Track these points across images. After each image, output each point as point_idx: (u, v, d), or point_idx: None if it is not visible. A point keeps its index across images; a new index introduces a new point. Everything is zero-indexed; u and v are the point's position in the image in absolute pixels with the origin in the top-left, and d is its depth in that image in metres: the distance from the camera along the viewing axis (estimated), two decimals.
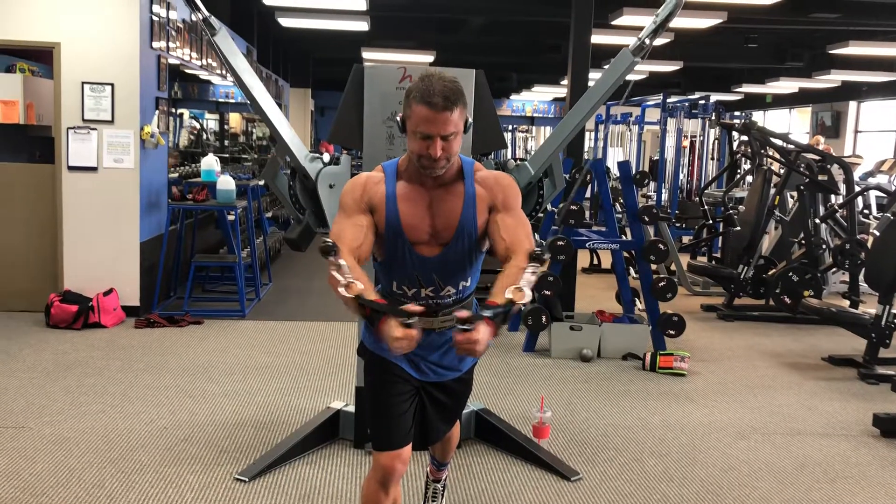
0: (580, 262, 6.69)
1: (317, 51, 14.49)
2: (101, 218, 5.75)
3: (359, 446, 3.61)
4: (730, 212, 7.23)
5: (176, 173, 6.81)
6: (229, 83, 9.93)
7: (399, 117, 2.17)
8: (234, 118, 13.04)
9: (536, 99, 19.89)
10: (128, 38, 5.62)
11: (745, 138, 7.70)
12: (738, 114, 12.77)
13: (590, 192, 6.41)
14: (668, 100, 10.13)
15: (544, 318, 5.31)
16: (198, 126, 10.91)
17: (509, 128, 19.80)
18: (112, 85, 5.64)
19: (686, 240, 9.10)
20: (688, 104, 10.08)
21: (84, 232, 5.76)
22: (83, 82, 5.63)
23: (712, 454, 3.76)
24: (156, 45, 5.93)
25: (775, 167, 7.22)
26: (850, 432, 4.14)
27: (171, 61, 6.44)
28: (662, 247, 5.40)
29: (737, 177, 8.64)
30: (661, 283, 5.34)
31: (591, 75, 6.41)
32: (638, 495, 3.30)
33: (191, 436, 3.73)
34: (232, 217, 6.60)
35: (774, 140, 7.06)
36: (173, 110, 8.12)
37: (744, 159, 8.30)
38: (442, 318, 2.30)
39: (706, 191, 8.46)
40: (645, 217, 5.51)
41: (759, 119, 16.55)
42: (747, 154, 7.55)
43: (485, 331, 1.89)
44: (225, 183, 6.21)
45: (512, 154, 18.90)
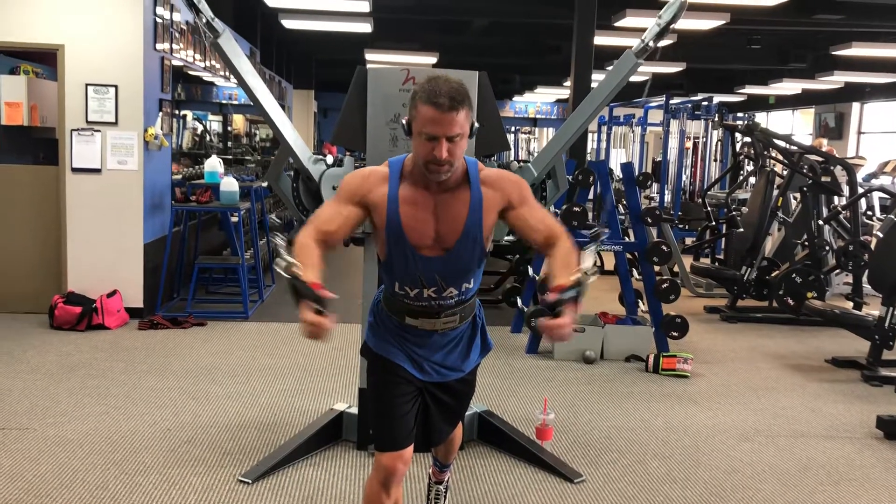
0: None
1: (320, 52, 14.51)
2: (105, 219, 5.76)
3: (362, 448, 3.61)
4: (733, 213, 7.22)
5: (180, 175, 6.82)
6: (232, 85, 9.96)
7: (404, 120, 2.16)
8: (237, 120, 13.07)
9: (539, 100, 19.88)
10: (131, 40, 5.63)
11: (748, 140, 7.70)
12: (741, 115, 12.73)
13: (593, 193, 6.41)
14: (671, 101, 10.12)
15: None
16: (200, 128, 10.93)
17: (512, 129, 19.81)
18: (116, 87, 5.65)
19: (689, 241, 9.09)
20: (691, 105, 10.09)
21: (88, 233, 5.77)
22: (87, 84, 5.64)
23: (716, 456, 3.76)
24: (159, 46, 5.94)
25: (778, 168, 7.21)
26: (853, 434, 4.13)
27: (175, 63, 6.45)
28: (665, 248, 5.40)
29: (740, 178, 8.63)
30: (665, 285, 5.33)
31: (594, 77, 6.42)
32: (641, 497, 3.30)
33: (194, 437, 3.73)
34: (235, 219, 6.60)
35: (777, 141, 7.06)
36: (177, 112, 8.14)
37: (747, 161, 8.30)
38: (444, 320, 2.30)
39: (709, 192, 8.47)
40: (648, 219, 5.50)
41: (762, 120, 16.53)
42: (750, 155, 7.55)
43: (571, 313, 1.97)
44: (228, 185, 6.21)
45: (515, 156, 18.90)
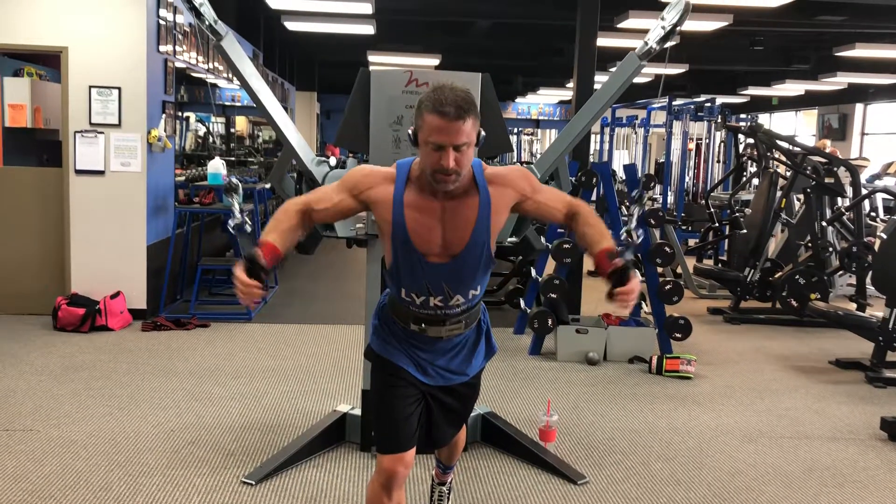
0: (586, 265, 6.68)
1: (322, 54, 14.52)
2: (108, 221, 5.77)
3: (365, 449, 3.61)
4: (736, 215, 7.22)
5: (183, 177, 6.83)
6: (235, 86, 9.97)
7: (410, 130, 2.14)
8: (240, 121, 13.09)
9: (542, 102, 19.88)
10: (135, 42, 5.64)
11: (751, 141, 7.70)
12: (743, 116, 12.73)
13: (595, 194, 6.40)
14: (674, 102, 10.11)
15: (550, 322, 5.30)
16: (203, 129, 10.95)
17: (515, 131, 19.81)
18: (119, 89, 5.66)
19: (692, 243, 9.09)
20: (693, 107, 10.07)
21: (91, 235, 5.78)
22: (90, 86, 5.65)
23: (719, 458, 3.75)
24: (162, 48, 5.95)
25: (781, 170, 7.20)
26: (857, 436, 4.12)
27: (178, 65, 6.46)
28: (668, 250, 5.40)
29: (743, 180, 8.63)
30: (668, 286, 5.33)
31: (597, 78, 6.42)
32: (645, 499, 3.29)
33: (198, 439, 3.74)
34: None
35: (780, 143, 7.05)
36: (180, 114, 8.16)
37: (750, 162, 8.30)
38: (449, 327, 2.30)
39: (712, 194, 8.47)
40: (651, 220, 5.50)
41: (765, 122, 16.52)
42: (753, 157, 7.55)
43: (635, 278, 2.07)
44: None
45: (517, 157, 18.90)
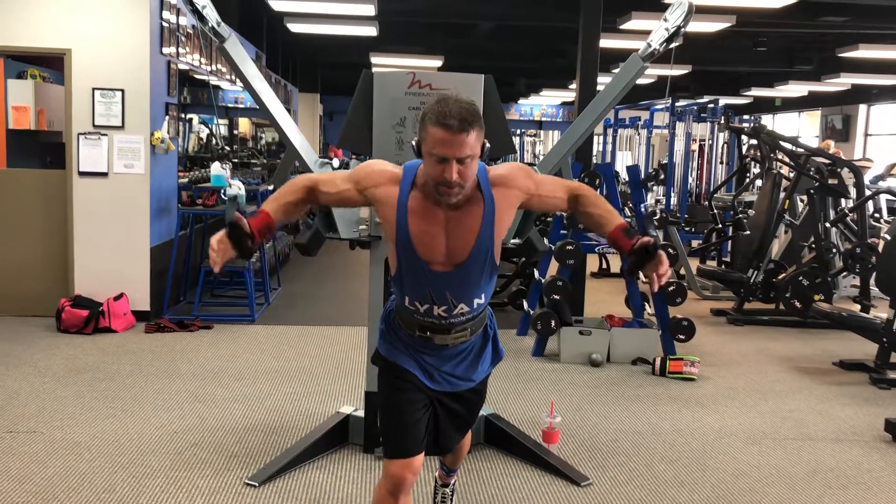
0: (589, 267, 6.68)
1: (325, 56, 14.53)
2: (112, 223, 5.78)
3: (368, 451, 3.61)
4: (739, 216, 7.20)
5: (186, 178, 6.84)
6: (238, 88, 9.98)
7: (414, 141, 2.13)
8: (243, 123, 13.10)
9: (545, 103, 19.87)
10: (138, 44, 5.65)
11: (754, 142, 7.68)
12: (747, 117, 12.71)
13: None
14: (677, 103, 10.10)
15: (553, 323, 5.30)
16: (206, 131, 10.96)
17: (517, 132, 19.81)
18: (122, 91, 5.67)
19: (695, 244, 9.07)
20: (697, 108, 10.06)
21: (95, 237, 5.79)
22: (94, 88, 5.66)
23: (723, 459, 3.74)
24: (166, 50, 5.96)
25: (785, 171, 7.19)
26: (862, 437, 4.11)
27: (181, 67, 6.47)
28: (672, 251, 5.39)
29: (746, 181, 8.62)
30: (671, 288, 5.32)
31: (600, 80, 6.42)
32: (648, 501, 3.29)
33: (201, 440, 3.74)
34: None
35: (784, 143, 7.04)
36: (183, 115, 8.17)
37: (753, 163, 8.29)
38: (455, 335, 2.29)
39: (715, 195, 8.45)
40: (654, 221, 5.49)
41: (768, 123, 16.50)
42: (757, 158, 7.54)
43: (662, 254, 2.14)
44: (234, 188, 6.22)
45: (521, 159, 18.90)
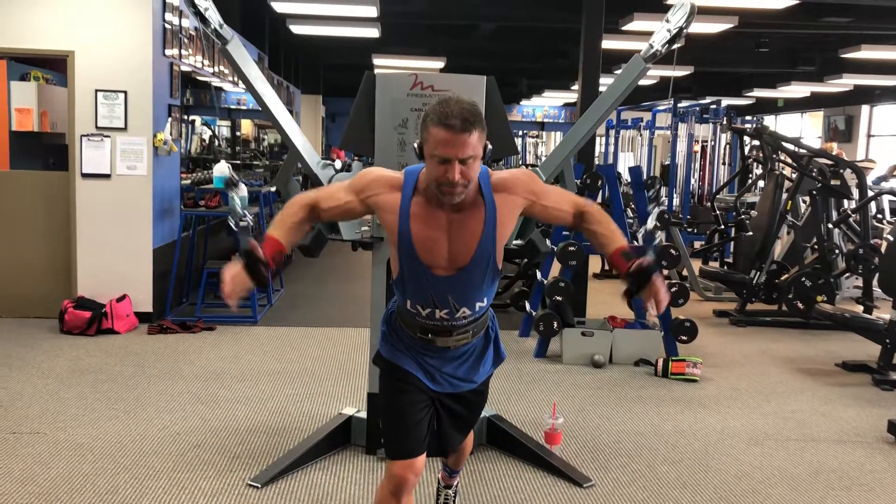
0: (591, 268, 6.68)
1: (328, 57, 14.56)
2: (115, 224, 5.79)
3: (371, 452, 3.61)
4: (742, 217, 7.20)
5: (188, 180, 6.85)
6: (241, 90, 9.99)
7: (416, 144, 2.12)
8: (245, 125, 13.10)
9: (547, 104, 19.89)
10: (141, 46, 5.66)
11: (756, 143, 7.68)
12: (749, 118, 12.70)
13: (601, 197, 6.40)
14: (679, 105, 10.10)
15: (556, 324, 5.30)
16: (209, 133, 10.97)
17: (520, 133, 19.82)
18: (125, 92, 5.68)
19: (698, 245, 9.07)
20: (699, 109, 10.05)
21: (97, 238, 5.80)
22: (96, 90, 5.67)
23: (725, 461, 3.74)
24: (168, 52, 5.97)
25: (787, 172, 7.18)
26: (864, 439, 4.11)
27: (184, 68, 6.48)
28: (674, 252, 5.39)
29: (748, 182, 8.61)
30: (673, 289, 5.31)
31: (602, 80, 6.42)
32: (650, 502, 3.28)
33: (203, 442, 3.74)
34: (244, 223, 6.61)
35: (786, 144, 7.03)
36: (185, 117, 8.17)
37: (755, 164, 8.27)
38: (456, 337, 2.30)
39: (718, 196, 8.44)
40: (656, 222, 5.49)
41: (770, 123, 16.49)
42: (759, 159, 7.52)
43: (659, 280, 2.09)
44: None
45: (523, 160, 18.91)
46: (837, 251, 6.63)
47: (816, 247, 6.51)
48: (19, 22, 5.61)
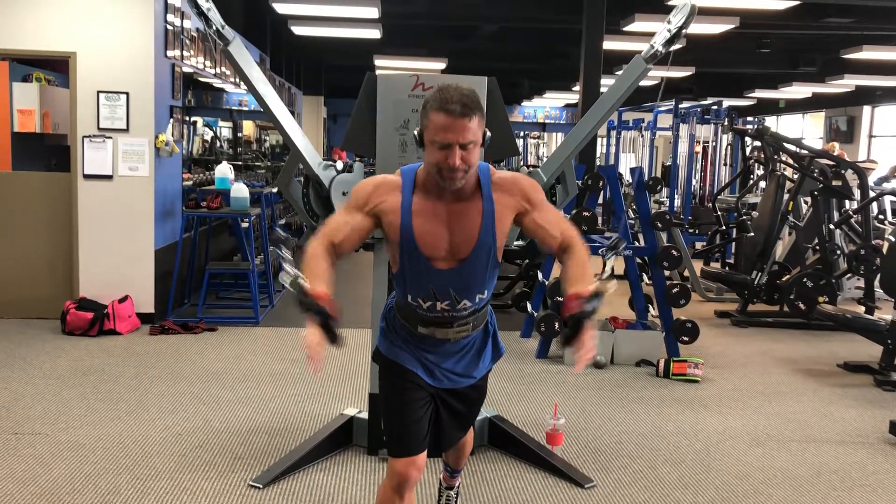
0: (593, 269, 6.67)
1: (329, 58, 14.58)
2: (117, 225, 5.79)
3: (372, 453, 3.62)
4: (743, 217, 7.20)
5: (191, 181, 6.86)
6: (242, 91, 10.00)
7: (416, 131, 2.13)
8: (247, 126, 13.11)
9: (548, 105, 19.91)
10: (142, 48, 5.67)
11: (758, 144, 7.68)
12: (750, 119, 12.70)
13: (602, 198, 6.41)
14: (681, 105, 10.10)
15: (557, 325, 5.30)
16: (210, 134, 10.98)
17: (521, 134, 19.82)
18: (127, 94, 5.69)
19: (699, 246, 9.06)
20: (700, 110, 10.05)
21: (99, 239, 5.80)
22: (98, 91, 5.68)
23: (727, 461, 3.74)
24: (170, 53, 5.98)
25: (789, 172, 7.18)
26: (866, 440, 4.11)
27: (185, 70, 6.49)
28: (675, 253, 5.39)
29: (750, 182, 8.61)
30: (675, 290, 5.32)
31: (603, 81, 6.43)
32: (652, 503, 3.28)
33: (205, 442, 3.75)
34: (246, 224, 6.63)
35: (788, 145, 7.03)
36: (187, 118, 8.18)
37: (757, 165, 8.27)
38: (456, 329, 2.30)
39: (719, 196, 8.45)
40: (658, 223, 5.49)
41: (772, 124, 16.48)
42: (760, 159, 7.52)
43: (591, 331, 2.04)
44: (239, 191, 6.24)
45: (524, 160, 18.91)
46: (839, 252, 6.62)
47: (818, 247, 6.50)
48: (22, 23, 5.62)
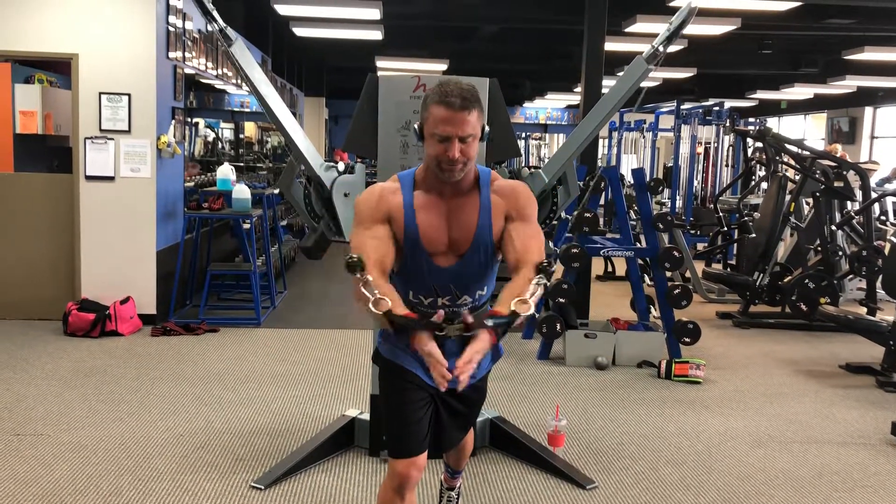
0: (594, 270, 6.68)
1: (331, 60, 14.58)
2: (119, 227, 5.80)
3: (374, 454, 3.62)
4: (745, 219, 7.19)
5: (192, 182, 6.87)
6: (244, 92, 10.02)
7: (416, 125, 2.16)
8: (248, 127, 13.14)
9: (550, 106, 19.91)
10: (144, 49, 5.68)
11: (759, 145, 7.68)
12: (752, 120, 12.69)
13: (604, 199, 6.41)
14: (682, 106, 10.08)
15: (559, 326, 5.30)
16: (212, 135, 11.00)
17: (523, 135, 19.81)
18: (129, 95, 5.69)
19: (701, 247, 9.06)
20: (702, 111, 10.04)
21: (101, 241, 5.81)
22: (100, 93, 5.69)
23: (729, 462, 3.74)
24: (172, 55, 5.99)
25: (790, 174, 7.18)
26: (868, 441, 4.10)
27: (187, 71, 6.50)
28: (677, 254, 5.39)
29: (752, 183, 8.60)
30: (676, 291, 5.31)
31: (605, 82, 6.42)
32: None
33: (207, 443, 3.75)
34: (247, 225, 6.63)
35: (789, 146, 7.03)
36: (189, 119, 8.20)
37: (759, 166, 8.27)
38: (456, 325, 2.30)
39: (721, 198, 8.44)
40: (659, 224, 5.49)
41: (773, 125, 16.47)
42: (762, 160, 7.52)
43: (485, 339, 1.96)
44: (240, 192, 6.25)
45: (525, 162, 18.90)
46: (841, 253, 6.62)
47: (820, 249, 6.50)
48: (24, 25, 5.63)
